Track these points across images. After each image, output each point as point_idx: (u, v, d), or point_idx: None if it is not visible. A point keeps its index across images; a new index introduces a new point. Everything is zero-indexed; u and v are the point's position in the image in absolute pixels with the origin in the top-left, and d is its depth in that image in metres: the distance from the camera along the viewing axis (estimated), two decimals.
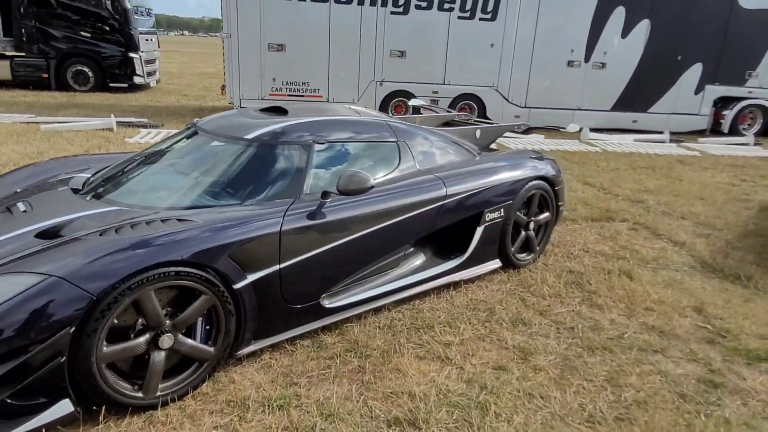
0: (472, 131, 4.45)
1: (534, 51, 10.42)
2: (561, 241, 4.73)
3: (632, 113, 11.33)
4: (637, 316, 3.46)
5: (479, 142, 4.49)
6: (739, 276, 4.16)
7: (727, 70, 11.50)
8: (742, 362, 3.02)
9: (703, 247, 4.79)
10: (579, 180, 7.03)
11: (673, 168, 8.25)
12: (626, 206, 5.92)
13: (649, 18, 10.71)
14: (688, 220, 5.58)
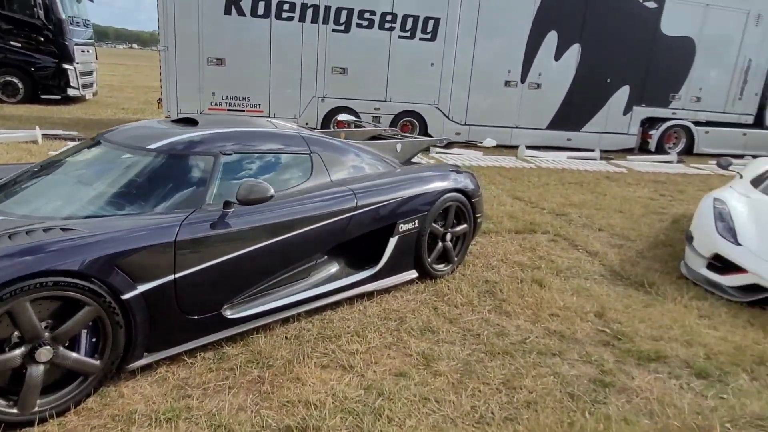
0: (393, 145, 4.55)
1: (473, 71, 10.74)
2: (482, 252, 4.87)
3: (566, 132, 11.81)
4: (542, 321, 3.60)
5: (400, 155, 4.59)
6: (643, 283, 4.39)
7: (652, 93, 12.19)
8: (633, 363, 3.19)
9: (614, 256, 5.03)
10: (509, 194, 7.26)
11: (600, 183, 8.64)
12: (550, 219, 6.16)
13: (580, 42, 11.26)
14: (605, 232, 5.85)
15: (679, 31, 11.87)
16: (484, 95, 11.00)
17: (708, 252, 4.45)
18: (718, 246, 4.38)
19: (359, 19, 9.82)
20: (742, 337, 3.55)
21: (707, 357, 3.27)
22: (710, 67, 12.36)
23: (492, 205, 6.48)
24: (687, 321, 3.72)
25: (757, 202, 4.80)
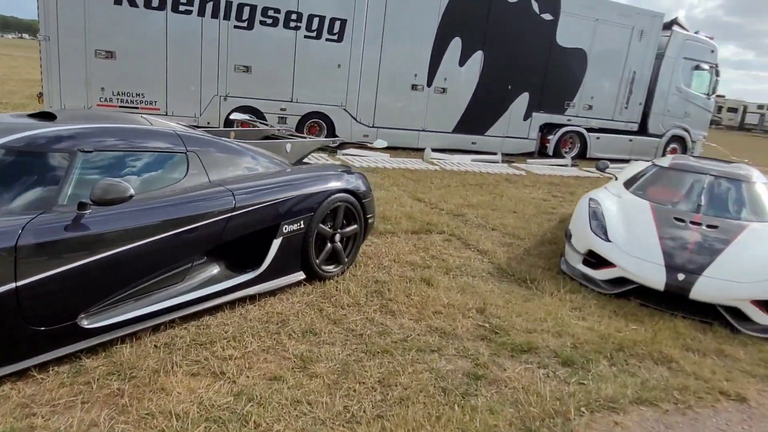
0: (283, 145, 4.47)
1: (380, 73, 10.86)
2: (376, 253, 4.90)
3: (471, 136, 12.25)
4: (425, 319, 3.67)
5: (291, 155, 4.52)
6: (526, 279, 4.61)
7: (549, 100, 12.94)
8: (507, 355, 3.32)
9: (503, 255, 5.25)
10: (411, 196, 7.39)
11: (499, 185, 9.02)
12: (447, 219, 6.33)
13: (483, 50, 11.73)
14: (498, 231, 6.10)
15: (573, 42, 12.70)
16: (392, 98, 11.16)
17: (583, 248, 4.76)
18: (592, 243, 4.70)
19: (263, 17, 9.62)
20: (607, 326, 3.82)
21: (574, 346, 3.49)
22: (600, 77, 13.32)
23: (392, 206, 6.56)
24: (560, 313, 3.95)
25: (627, 202, 5.20)
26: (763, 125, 56.97)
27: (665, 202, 5.14)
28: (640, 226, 4.71)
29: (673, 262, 4.24)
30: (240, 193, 3.39)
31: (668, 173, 5.63)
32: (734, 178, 5.37)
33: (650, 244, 4.45)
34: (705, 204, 4.99)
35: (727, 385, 3.17)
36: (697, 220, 4.71)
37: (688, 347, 3.66)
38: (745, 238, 4.48)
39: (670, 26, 14.21)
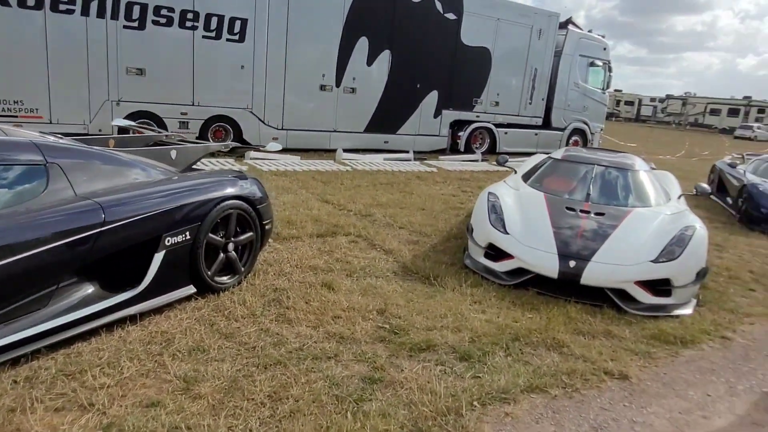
0: (167, 152, 4.20)
1: (287, 74, 10.64)
2: (278, 259, 4.74)
3: (383, 135, 12.31)
4: (324, 325, 3.56)
5: (177, 162, 4.26)
6: (429, 276, 4.63)
7: (458, 98, 13.27)
8: (405, 355, 3.29)
9: (408, 253, 5.25)
10: (319, 198, 7.26)
11: (410, 183, 9.09)
12: (355, 220, 6.26)
13: (390, 49, 11.81)
14: (405, 230, 6.11)
15: (477, 41, 13.09)
16: (300, 99, 10.96)
17: (484, 242, 4.85)
18: (491, 236, 4.79)
19: (156, 16, 9.11)
20: (505, 317, 3.90)
21: (472, 340, 3.51)
22: (505, 74, 13.84)
23: (299, 210, 6.40)
24: (461, 308, 3.98)
25: (523, 194, 5.37)
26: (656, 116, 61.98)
27: (558, 193, 5.35)
28: (536, 217, 4.87)
29: (565, 250, 4.41)
30: (111, 206, 3.12)
31: (561, 165, 5.89)
32: (620, 167, 5.69)
33: (544, 234, 4.61)
34: (593, 193, 5.25)
35: (612, 365, 3.31)
36: (586, 208, 4.94)
37: (579, 331, 3.81)
38: (628, 223, 4.74)
39: (566, 25, 15.03)
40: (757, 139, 40.50)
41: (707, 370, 3.46)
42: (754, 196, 8.39)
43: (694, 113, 56.60)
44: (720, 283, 5.28)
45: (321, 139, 11.43)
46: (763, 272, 5.79)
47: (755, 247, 6.98)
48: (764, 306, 4.80)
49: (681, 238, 4.49)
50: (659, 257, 4.34)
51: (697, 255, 4.47)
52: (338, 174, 9.23)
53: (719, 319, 4.32)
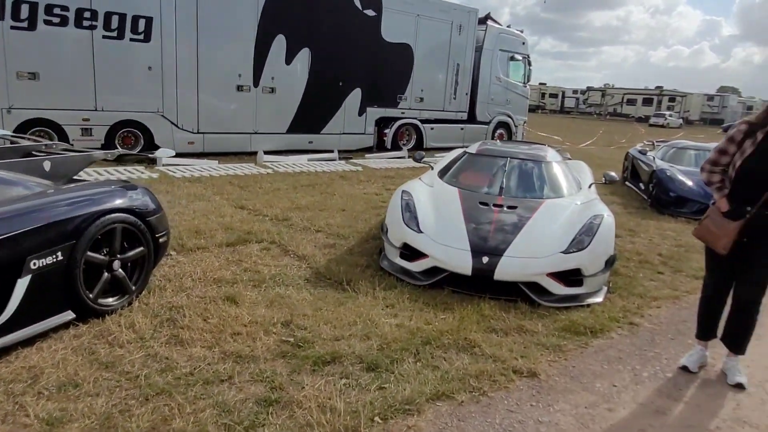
0: (39, 163, 3.77)
1: (199, 75, 10.12)
2: (180, 273, 4.39)
3: (307, 135, 12.01)
4: (221, 344, 3.28)
5: (54, 174, 3.83)
6: (343, 281, 4.43)
7: (382, 95, 13.17)
8: (308, 370, 3.07)
9: (323, 258, 5.03)
10: (234, 204, 6.90)
11: (333, 183, 8.87)
12: (270, 226, 5.97)
13: (309, 47, 11.51)
14: (322, 233, 5.89)
15: (398, 38, 13.02)
16: (216, 101, 10.48)
17: (398, 242, 4.71)
18: (405, 235, 4.66)
19: (48, 15, 8.39)
20: (417, 320, 3.76)
21: (381, 348, 3.35)
22: (428, 70, 13.86)
23: (209, 218, 6.04)
24: (371, 314, 3.80)
25: (438, 191, 5.28)
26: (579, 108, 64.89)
27: (473, 188, 5.30)
28: (449, 213, 4.78)
29: (479, 246, 4.34)
30: None
31: (476, 159, 5.85)
32: (532, 159, 5.72)
33: (458, 231, 4.52)
34: (507, 186, 5.23)
35: (521, 362, 3.24)
36: (499, 202, 4.91)
37: (492, 329, 3.73)
38: (540, 215, 4.74)
39: (485, 21, 15.27)
40: (669, 126, 43.20)
41: (615, 359, 3.46)
42: (663, 181, 8.78)
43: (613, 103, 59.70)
44: (631, 268, 5.41)
45: (241, 141, 10.98)
46: (670, 254, 6.01)
47: (664, 230, 7.26)
48: (671, 288, 4.94)
49: (590, 227, 4.52)
50: (569, 248, 4.35)
51: (605, 243, 4.52)
52: (257, 177, 8.86)
53: (628, 305, 4.38)
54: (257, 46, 10.72)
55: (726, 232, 3.07)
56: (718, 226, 3.11)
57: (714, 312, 3.38)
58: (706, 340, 3.45)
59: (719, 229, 3.10)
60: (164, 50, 9.61)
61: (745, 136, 3.07)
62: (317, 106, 11.95)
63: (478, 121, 15.38)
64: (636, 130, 33.86)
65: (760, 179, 2.99)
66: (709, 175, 3.23)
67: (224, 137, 10.74)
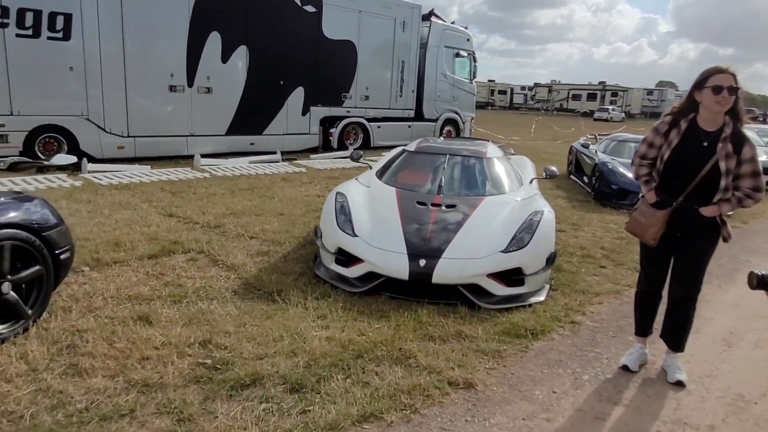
0: None
1: (127, 75, 9.52)
2: (90, 291, 3.97)
3: (248, 136, 11.56)
4: (126, 372, 2.93)
5: None
6: (273, 292, 4.13)
7: (326, 93, 12.84)
8: (224, 396, 2.77)
9: (254, 267, 4.71)
10: (163, 212, 6.45)
11: (274, 186, 8.51)
12: (200, 234, 5.58)
13: (247, 44, 11.06)
14: (257, 239, 5.55)
15: (341, 34, 12.73)
16: (147, 102, 9.91)
17: (333, 247, 4.44)
18: (339, 239, 4.40)
19: None
20: (350, 331, 3.51)
21: (308, 365, 3.07)
22: (373, 68, 13.63)
23: (132, 229, 5.59)
24: (301, 327, 3.53)
25: (375, 191, 5.04)
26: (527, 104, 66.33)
27: (411, 187, 5.09)
28: (386, 215, 4.55)
29: (415, 249, 4.13)
30: None
31: (415, 157, 5.64)
32: (472, 155, 5.56)
33: (394, 233, 4.29)
34: (445, 184, 5.05)
35: (458, 373, 3.04)
36: (437, 201, 4.71)
37: (430, 336, 3.53)
38: (479, 214, 4.57)
39: (429, 17, 15.18)
40: (613, 120, 44.65)
41: (555, 362, 3.32)
42: (605, 174, 8.87)
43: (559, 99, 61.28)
44: (574, 263, 5.34)
45: (176, 145, 10.43)
46: (612, 248, 5.99)
47: (607, 222, 7.29)
48: (613, 282, 4.88)
49: (530, 224, 4.38)
50: (509, 246, 4.19)
51: (546, 240, 4.40)
52: (192, 182, 8.40)
53: (570, 303, 4.27)
54: (190, 44, 10.20)
55: (654, 222, 2.97)
56: (646, 217, 3.02)
57: (650, 308, 3.29)
58: (644, 336, 3.35)
59: (647, 219, 3.00)
60: (87, 49, 8.97)
61: (670, 127, 3.00)
62: (258, 106, 11.52)
63: (426, 119, 15.29)
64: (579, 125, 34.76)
65: (688, 168, 2.90)
66: (638, 168, 3.17)
67: (158, 141, 10.17)
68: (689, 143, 2.91)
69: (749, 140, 2.87)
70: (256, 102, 11.44)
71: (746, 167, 2.84)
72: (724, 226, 2.96)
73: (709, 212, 2.90)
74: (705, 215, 2.90)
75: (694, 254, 3.01)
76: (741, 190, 2.88)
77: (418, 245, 4.15)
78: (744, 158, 2.83)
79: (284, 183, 8.89)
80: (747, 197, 2.87)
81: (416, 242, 4.17)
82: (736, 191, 2.88)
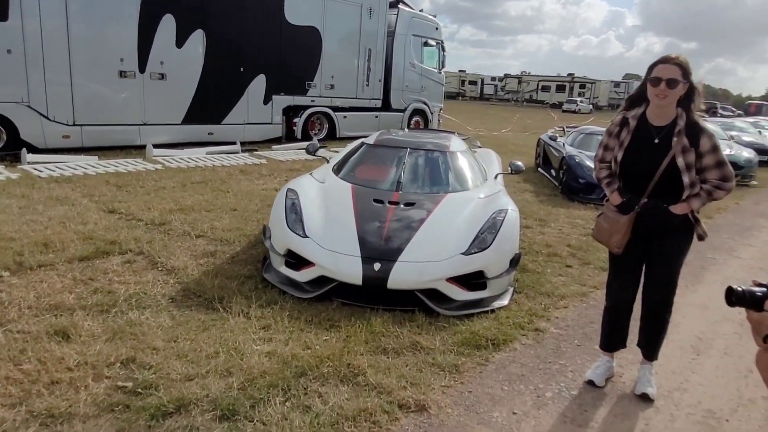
0: None
1: (72, 59, 8.88)
2: (7, 301, 3.55)
3: (206, 125, 11.02)
4: (31, 399, 2.54)
5: None
6: (214, 299, 3.77)
7: (289, 81, 12.35)
8: (143, 426, 2.42)
9: (197, 270, 4.33)
10: (104, 207, 5.97)
11: (230, 179, 8.07)
12: (141, 233, 5.15)
13: (203, 29, 10.50)
14: (204, 238, 5.16)
15: (304, 20, 12.24)
16: (95, 89, 9.28)
17: (282, 248, 4.10)
18: (289, 241, 4.06)
19: None
20: (294, 344, 3.18)
21: (243, 386, 2.74)
22: (338, 56, 13.18)
23: (66, 227, 5.13)
24: (240, 340, 3.18)
25: (329, 188, 4.71)
26: (497, 94, 66.58)
27: (368, 183, 4.77)
28: (340, 214, 4.23)
29: (370, 251, 3.82)
30: None
31: (374, 151, 5.32)
32: (436, 148, 5.27)
33: (348, 234, 3.97)
34: (405, 180, 4.74)
35: (410, 393, 2.75)
36: (395, 198, 4.40)
37: (383, 348, 3.23)
38: (440, 212, 4.29)
39: (396, 5, 14.77)
40: (581, 111, 45.14)
41: (517, 378, 3.06)
42: (572, 168, 8.72)
43: (529, 90, 61.67)
44: (539, 262, 5.12)
45: (128, 134, 9.84)
46: (579, 245, 5.80)
47: (574, 218, 7.13)
48: (579, 283, 4.68)
49: (493, 223, 4.12)
50: (471, 248, 3.92)
51: (510, 240, 4.14)
52: (142, 175, 7.88)
53: (535, 307, 4.04)
54: (141, 27, 9.58)
55: (618, 228, 2.74)
56: (610, 223, 2.79)
57: (621, 323, 3.05)
58: (611, 352, 3.12)
59: (611, 226, 2.78)
60: (26, 30, 8.30)
61: (621, 126, 2.78)
62: (216, 94, 10.98)
63: (394, 109, 14.94)
64: (549, 116, 34.94)
65: (643, 168, 2.68)
66: (598, 172, 2.97)
67: (107, 129, 9.57)
68: (640, 141, 2.69)
69: (706, 130, 2.64)
70: (215, 89, 10.90)
71: (708, 159, 2.62)
72: (697, 224, 2.74)
73: (680, 210, 2.68)
74: (675, 213, 2.68)
75: (666, 256, 2.79)
76: (709, 183, 2.66)
77: (374, 247, 3.84)
78: (703, 150, 2.61)
79: (242, 176, 8.45)
80: (717, 188, 2.66)
81: (371, 244, 3.86)
82: (703, 184, 2.67)
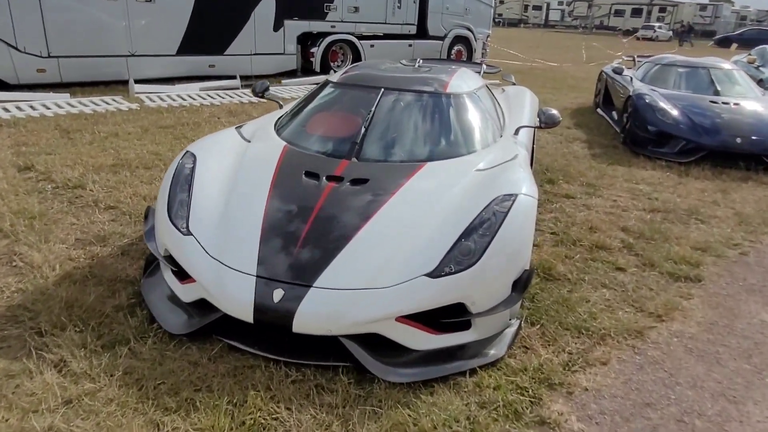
0: None
1: None
2: None
3: (207, 57, 9.54)
4: None
5: None
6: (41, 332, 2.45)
7: (303, 4, 10.55)
8: None
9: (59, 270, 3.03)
10: (19, 162, 4.70)
11: (207, 123, 6.65)
12: (35, 202, 3.89)
13: None
14: (114, 210, 3.85)
15: None
16: (71, 14, 7.91)
17: (162, 248, 2.69)
18: (167, 237, 2.64)
19: None
20: None
21: None
22: None
23: None
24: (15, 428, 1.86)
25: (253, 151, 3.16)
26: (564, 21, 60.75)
27: (312, 144, 3.21)
28: (248, 197, 2.72)
29: (273, 267, 2.34)
30: None
31: (337, 93, 3.66)
32: (425, 89, 3.52)
33: (247, 234, 2.49)
34: (368, 140, 3.12)
35: None
36: (338, 172, 2.83)
37: None
38: (403, 197, 2.68)
39: None
40: (659, 39, 40.10)
41: None
42: (640, 110, 6.68)
43: (600, 15, 55.66)
44: (574, 262, 3.48)
45: (113, 67, 8.53)
46: (640, 230, 4.07)
47: (636, 182, 5.30)
48: (634, 306, 3.03)
49: (488, 219, 2.50)
50: (444, 264, 2.35)
51: (515, 248, 2.51)
52: (106, 116, 6.59)
53: (550, 362, 2.46)
54: None
55: None
56: None
57: None
58: None
59: None
60: None
61: None
62: (216, 19, 9.40)
63: (431, 36, 12.81)
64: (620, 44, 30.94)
65: None
66: None
67: (89, 62, 8.28)
68: None
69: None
70: (214, 13, 9.31)
71: None
72: None
73: None
74: None
75: None
76: None
77: (280, 260, 2.35)
78: None
79: (226, 118, 7.02)
80: None
81: (277, 254, 2.37)
82: None
